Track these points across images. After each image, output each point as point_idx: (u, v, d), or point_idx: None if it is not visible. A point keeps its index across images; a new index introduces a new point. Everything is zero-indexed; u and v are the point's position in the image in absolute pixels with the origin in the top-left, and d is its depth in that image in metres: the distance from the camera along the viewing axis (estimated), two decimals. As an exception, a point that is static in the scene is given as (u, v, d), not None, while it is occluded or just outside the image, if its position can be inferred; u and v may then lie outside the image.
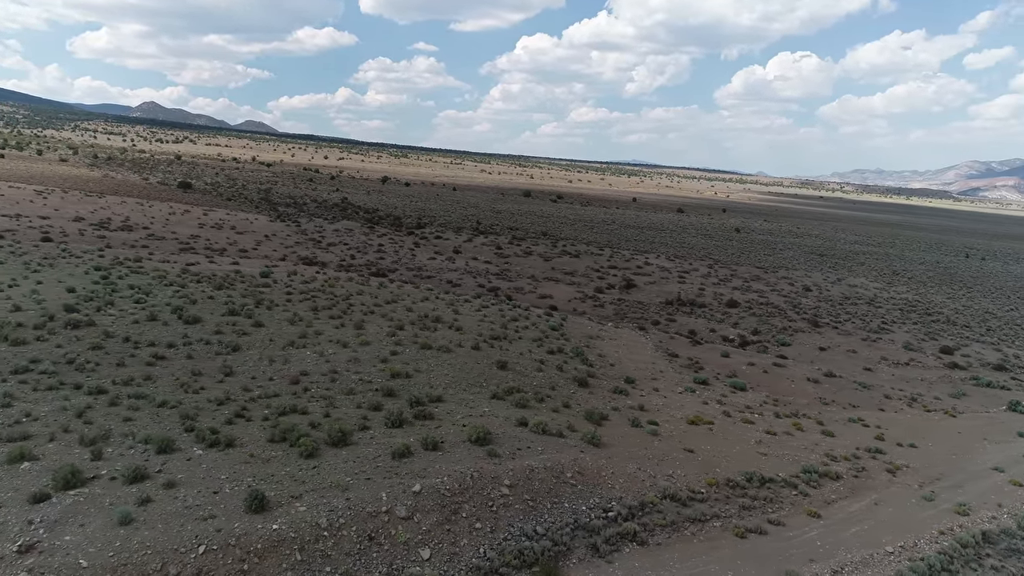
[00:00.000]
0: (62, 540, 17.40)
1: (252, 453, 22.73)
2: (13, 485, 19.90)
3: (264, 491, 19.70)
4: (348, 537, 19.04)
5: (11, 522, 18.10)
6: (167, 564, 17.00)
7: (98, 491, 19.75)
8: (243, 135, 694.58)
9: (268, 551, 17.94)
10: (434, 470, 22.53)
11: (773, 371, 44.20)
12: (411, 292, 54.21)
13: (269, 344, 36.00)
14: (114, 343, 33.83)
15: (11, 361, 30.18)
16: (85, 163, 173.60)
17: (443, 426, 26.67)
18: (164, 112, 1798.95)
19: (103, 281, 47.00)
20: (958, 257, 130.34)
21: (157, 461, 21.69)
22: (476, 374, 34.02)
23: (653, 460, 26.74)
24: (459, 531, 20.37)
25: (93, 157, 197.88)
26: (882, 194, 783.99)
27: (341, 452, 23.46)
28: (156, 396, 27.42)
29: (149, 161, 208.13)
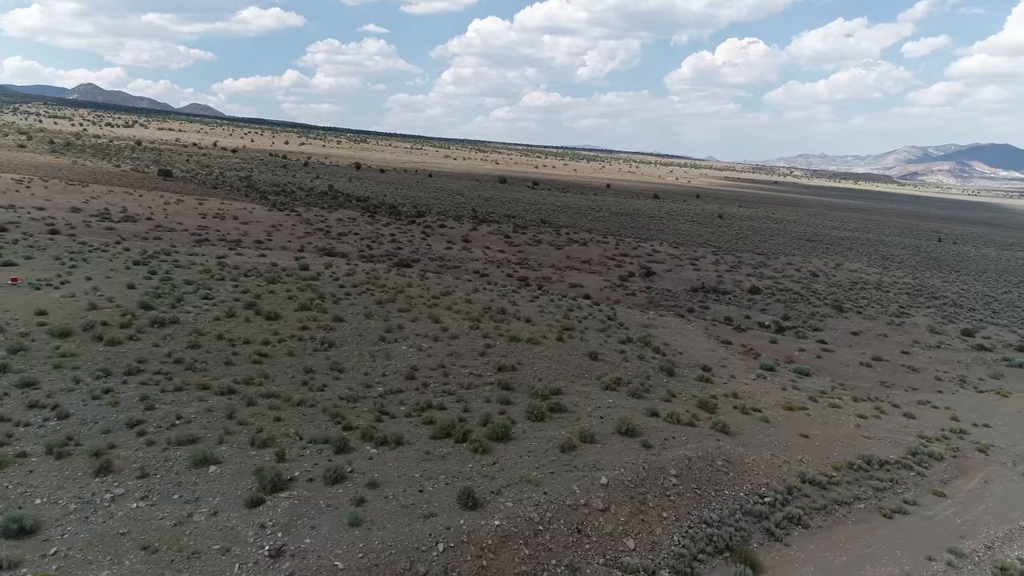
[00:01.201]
0: (303, 543, 17.55)
1: (427, 451, 23.00)
2: (216, 489, 19.86)
3: (473, 488, 20.06)
4: (560, 530, 19.59)
5: (240, 527, 18.15)
6: (415, 563, 17.32)
7: (305, 493, 19.85)
8: (193, 119, 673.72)
9: (499, 547, 18.39)
10: (606, 462, 23.18)
11: (825, 356, 45.89)
12: (456, 284, 54.33)
13: (359, 339, 35.93)
14: (208, 341, 33.37)
15: (117, 362, 29.63)
16: (45, 149, 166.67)
17: (582, 419, 27.29)
18: (103, 94, 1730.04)
19: (153, 276, 45.96)
20: (931, 241, 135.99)
21: (341, 461, 21.81)
22: (573, 365, 34.65)
23: (779, 446, 27.84)
24: (651, 521, 21.11)
25: (50, 143, 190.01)
26: (830, 179, 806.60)
27: (508, 447, 23.91)
28: (290, 395, 27.36)
29: (110, 147, 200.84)
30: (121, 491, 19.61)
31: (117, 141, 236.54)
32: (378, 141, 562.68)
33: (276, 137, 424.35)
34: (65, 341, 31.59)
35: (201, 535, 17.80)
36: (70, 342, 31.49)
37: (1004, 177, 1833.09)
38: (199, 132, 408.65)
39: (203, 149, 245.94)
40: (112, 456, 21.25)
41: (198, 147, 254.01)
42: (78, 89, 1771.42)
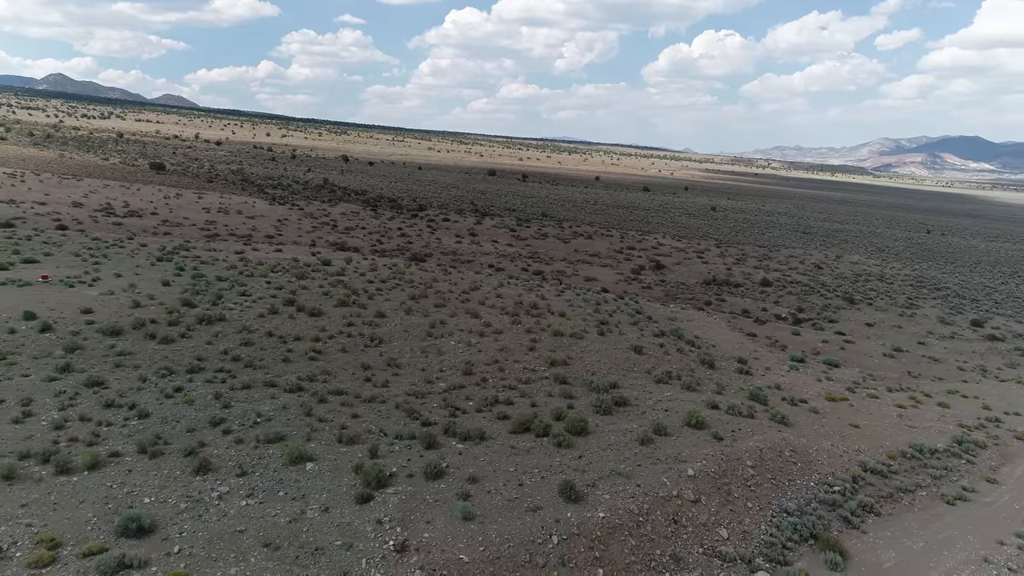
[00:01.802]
0: (423, 538, 17.91)
1: (512, 445, 23.42)
2: (319, 486, 20.13)
3: (574, 481, 20.52)
4: (658, 521, 20.14)
5: (356, 523, 18.46)
6: (534, 555, 17.76)
7: (410, 488, 20.19)
8: (170, 110, 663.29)
9: (607, 538, 18.89)
10: (687, 454, 23.77)
11: (848, 348, 46.92)
12: (481, 279, 54.59)
13: (405, 335, 36.16)
14: (260, 338, 33.42)
15: (176, 360, 29.64)
16: (27, 142, 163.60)
17: (647, 412, 27.85)
18: (73, 84, 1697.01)
19: (183, 273, 45.73)
20: (920, 233, 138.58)
21: (434, 456, 22.16)
22: (621, 359, 35.20)
23: (835, 436, 28.64)
24: (739, 511, 21.74)
25: (29, 135, 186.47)
26: (807, 170, 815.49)
27: (588, 440, 24.41)
28: (358, 392, 27.62)
29: (92, 139, 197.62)
30: (225, 489, 19.80)
31: (98, 133, 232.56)
32: (359, 133, 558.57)
33: (256, 129, 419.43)
34: (118, 339, 31.49)
35: (319, 531, 18.07)
36: (123, 340, 31.40)
37: (974, 169, 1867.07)
38: (178, 124, 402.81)
39: (186, 141, 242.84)
40: (205, 454, 21.40)
41: (180, 139, 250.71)
42: (47, 79, 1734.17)
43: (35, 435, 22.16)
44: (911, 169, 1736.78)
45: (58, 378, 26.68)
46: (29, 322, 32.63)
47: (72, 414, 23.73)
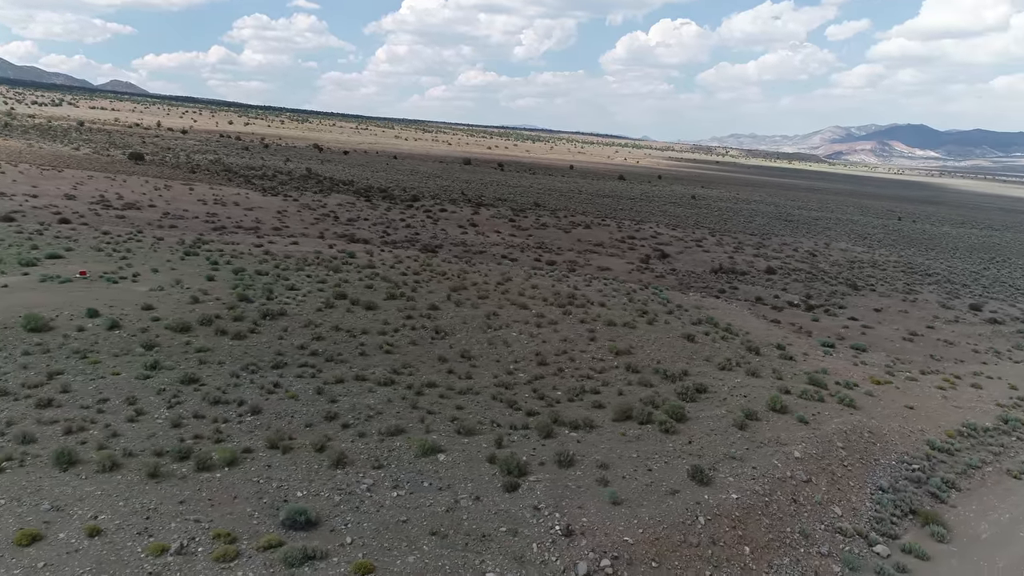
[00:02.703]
0: (583, 522, 18.76)
1: (622, 432, 24.35)
2: (460, 476, 20.81)
3: (701, 465, 21.55)
4: (780, 501, 21.33)
5: (513, 510, 19.20)
6: (687, 535, 18.76)
7: (548, 476, 21.01)
8: (122, 97, 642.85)
9: (745, 518, 20.00)
10: (785, 438, 25.03)
11: (868, 333, 48.95)
12: (508, 270, 55.23)
13: (464, 326, 36.72)
14: (328, 332, 33.68)
15: (256, 355, 29.83)
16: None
17: (727, 399, 29.06)
18: (14, 69, 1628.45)
19: (217, 267, 45.40)
20: (892, 220, 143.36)
21: (555, 445, 22.98)
22: (678, 347, 36.37)
23: (898, 417, 30.27)
24: (845, 489, 23.08)
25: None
26: (765, 158, 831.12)
27: (690, 426, 25.48)
28: (449, 384, 28.23)
29: (53, 128, 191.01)
30: (370, 481, 20.32)
31: (56, 121, 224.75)
32: (320, 121, 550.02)
33: (216, 117, 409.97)
34: (189, 335, 31.44)
35: (479, 519, 18.76)
36: (195, 337, 31.36)
37: (921, 156, 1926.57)
38: (134, 111, 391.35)
39: (150, 130, 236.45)
40: (336, 448, 21.85)
41: (143, 128, 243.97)
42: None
43: (157, 433, 22.30)
44: (861, 157, 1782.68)
45: (151, 375, 26.67)
46: (93, 319, 32.34)
47: (183, 412, 23.85)
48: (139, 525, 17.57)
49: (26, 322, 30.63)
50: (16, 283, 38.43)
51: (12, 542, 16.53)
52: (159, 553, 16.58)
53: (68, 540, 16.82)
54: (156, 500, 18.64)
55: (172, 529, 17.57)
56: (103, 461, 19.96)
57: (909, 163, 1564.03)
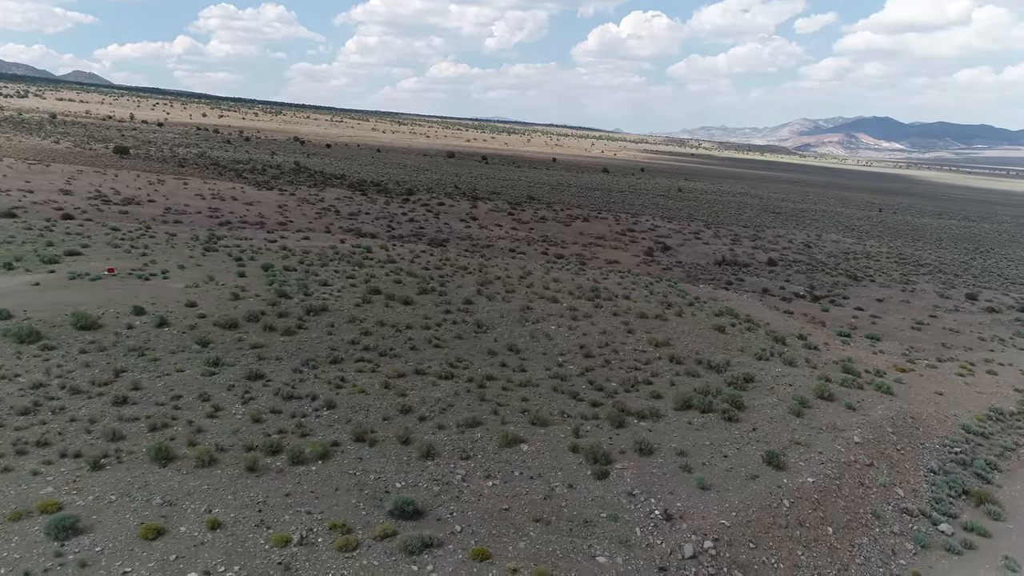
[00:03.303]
0: (677, 506, 19.60)
1: (688, 421, 25.22)
2: (549, 465, 21.51)
3: (774, 451, 22.50)
4: (849, 483, 22.40)
5: (608, 496, 19.97)
6: (776, 518, 19.69)
7: (633, 463, 21.82)
8: (88, 88, 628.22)
9: (823, 500, 21.01)
10: (840, 423, 26.14)
11: (878, 322, 50.54)
12: (526, 264, 55.83)
13: (501, 320, 37.32)
14: (374, 327, 34.04)
15: (310, 350, 30.17)
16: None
17: (775, 387, 30.09)
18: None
19: (242, 263, 45.38)
20: (873, 212, 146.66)
21: (628, 434, 23.77)
22: (711, 338, 37.38)
23: (930, 403, 31.61)
24: (902, 471, 24.23)
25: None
26: (737, 150, 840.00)
27: (749, 414, 26.46)
28: (508, 376, 28.85)
29: (26, 121, 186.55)
30: (462, 472, 20.93)
31: (27, 114, 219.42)
32: (294, 113, 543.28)
33: (189, 109, 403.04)
34: (239, 332, 31.63)
35: (578, 506, 19.49)
36: (245, 333, 31.56)
37: (887, 148, 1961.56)
38: (103, 103, 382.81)
39: (124, 122, 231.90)
40: (421, 440, 22.41)
41: (117, 120, 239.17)
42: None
43: (240, 429, 22.64)
44: (829, 149, 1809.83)
45: (215, 372, 26.91)
46: (140, 317, 32.36)
47: (259, 407, 24.18)
48: (254, 518, 17.99)
49: (75, 320, 30.58)
50: (46, 281, 38.16)
51: (138, 536, 16.86)
52: (283, 544, 17.03)
53: (191, 533, 17.19)
54: (262, 493, 19.05)
55: (287, 521, 18.02)
56: (200, 456, 20.29)
57: (876, 155, 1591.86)
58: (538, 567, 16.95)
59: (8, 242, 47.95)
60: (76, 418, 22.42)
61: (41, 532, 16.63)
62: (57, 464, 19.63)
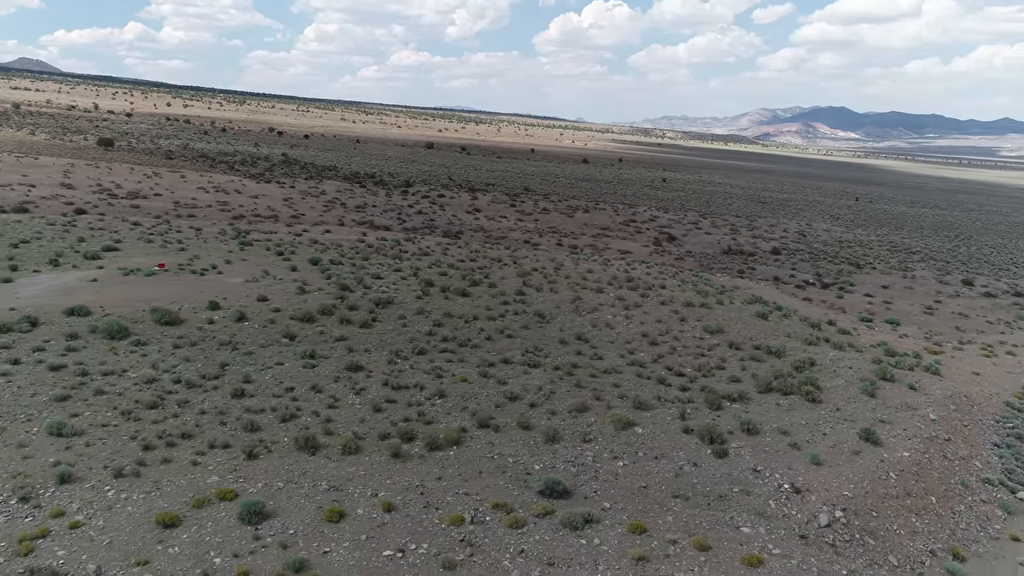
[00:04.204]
0: (799, 480, 21.18)
1: (777, 403, 26.88)
2: (667, 446, 22.98)
3: (869, 428, 24.25)
4: (936, 456, 24.27)
5: (733, 472, 21.52)
6: (887, 488, 21.43)
7: (743, 443, 23.36)
8: (42, 77, 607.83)
9: (921, 472, 22.83)
10: (912, 403, 28.12)
11: (892, 308, 53.04)
12: (555, 256, 57.07)
13: (557, 310, 38.58)
14: (444, 319, 35.02)
15: (392, 342, 31.13)
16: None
17: (837, 371, 31.95)
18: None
19: (283, 256, 45.80)
20: (850, 201, 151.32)
21: (728, 416, 25.38)
22: (759, 325, 39.17)
23: (972, 383, 33.81)
24: (975, 445, 26.24)
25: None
26: (701, 140, 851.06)
27: (828, 395, 28.24)
28: (591, 364, 30.21)
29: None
30: (591, 454, 22.25)
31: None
32: (259, 103, 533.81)
33: (153, 99, 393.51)
34: (316, 325, 32.38)
35: (709, 482, 20.96)
36: (323, 326, 32.32)
37: (843, 138, 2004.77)
38: (60, 92, 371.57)
39: (90, 112, 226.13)
40: (539, 425, 23.64)
41: (83, 111, 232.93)
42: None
43: (366, 418, 23.58)
44: (788, 138, 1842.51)
45: (315, 364, 27.71)
46: (216, 312, 32.84)
47: (373, 397, 25.12)
48: (419, 500, 19.05)
49: (158, 316, 30.98)
50: (103, 277, 38.26)
51: (322, 519, 17.81)
52: (458, 523, 18.15)
53: (370, 515, 18.19)
54: (417, 478, 20.09)
55: (450, 502, 19.11)
56: (346, 445, 21.23)
57: (833, 144, 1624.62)
58: (693, 538, 18.35)
59: (37, 238, 47.54)
60: (205, 411, 23.10)
61: (233, 518, 17.47)
62: (210, 454, 20.38)
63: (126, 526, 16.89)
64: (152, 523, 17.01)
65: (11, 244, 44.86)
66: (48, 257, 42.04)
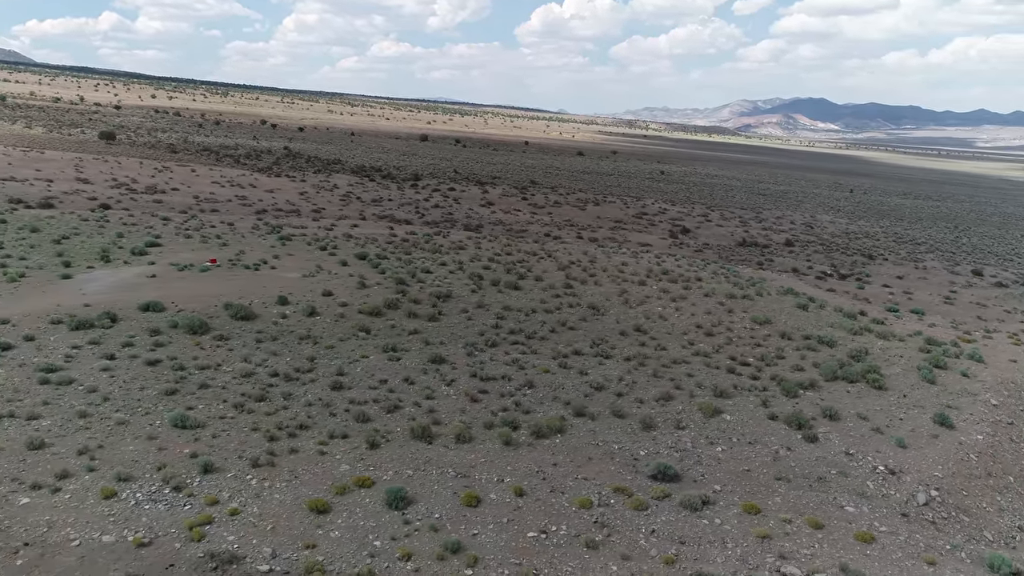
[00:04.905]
0: (889, 461, 22.38)
1: (847, 390, 28.12)
2: (759, 431, 24.09)
3: (942, 413, 25.56)
4: (1004, 440, 25.62)
5: (828, 456, 22.67)
6: (970, 468, 22.75)
7: (829, 427, 24.53)
8: (19, 68, 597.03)
9: (996, 454, 24.17)
10: (972, 389, 29.48)
11: (914, 298, 54.64)
12: (588, 249, 58.06)
13: (607, 303, 39.58)
14: (506, 312, 35.85)
15: (465, 335, 31.93)
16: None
17: (889, 359, 33.27)
18: None
19: (327, 252, 46.39)
20: (844, 192, 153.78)
21: (805, 403, 26.57)
22: (801, 316, 40.45)
23: (1013, 369, 35.27)
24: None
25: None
26: (685, 131, 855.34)
27: (890, 383, 29.49)
28: (658, 356, 31.24)
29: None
30: (689, 441, 23.32)
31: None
32: (242, 94, 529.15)
33: (136, 90, 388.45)
34: (385, 319, 33.14)
35: (806, 466, 22.13)
36: (392, 319, 33.08)
37: (823, 129, 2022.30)
38: (41, 84, 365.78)
39: (77, 105, 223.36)
40: (631, 414, 24.68)
41: (69, 102, 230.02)
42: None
43: (466, 408, 24.51)
44: (769, 129, 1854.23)
45: (398, 357, 28.53)
46: (284, 306, 33.50)
47: (466, 388, 26.01)
48: (543, 485, 20.01)
49: (234, 311, 31.58)
50: (159, 273, 38.72)
51: (461, 503, 18.72)
52: (587, 506, 19.13)
53: (503, 500, 19.13)
54: (534, 464, 21.06)
55: (572, 486, 20.10)
56: (460, 433, 22.15)
57: (813, 135, 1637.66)
58: (805, 517, 19.49)
59: (76, 234, 47.75)
60: (311, 403, 23.88)
61: (379, 504, 18.33)
62: (332, 444, 21.19)
63: (282, 512, 17.69)
64: (305, 509, 17.81)
65: (53, 240, 45.12)
66: (95, 253, 42.34)
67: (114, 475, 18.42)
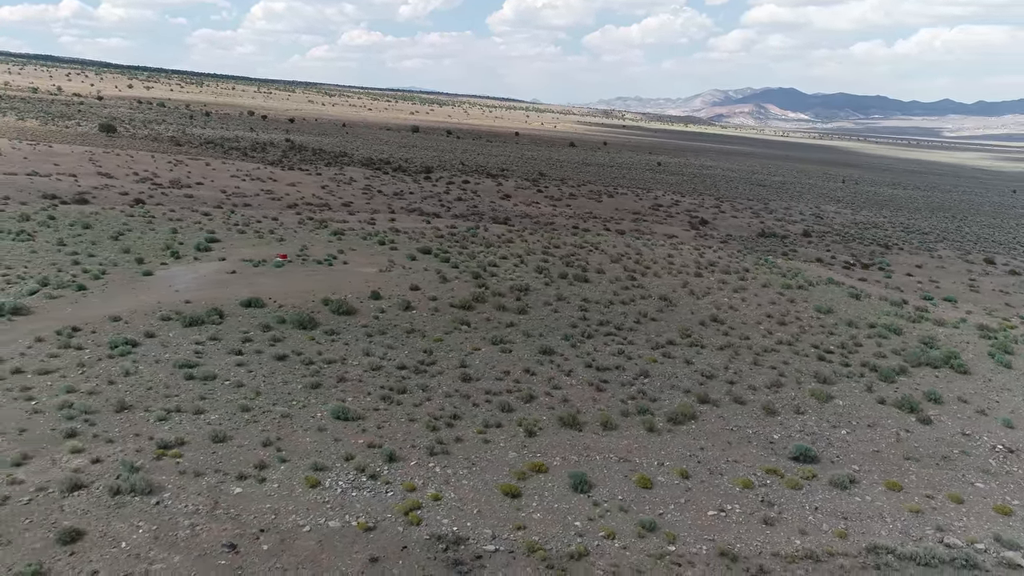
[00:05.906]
0: (1004, 442, 24.04)
1: (935, 375, 29.80)
2: (874, 415, 25.62)
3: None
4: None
5: (948, 436, 24.26)
6: None
7: (937, 411, 26.12)
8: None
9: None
10: None
11: (940, 286, 56.85)
12: (628, 241, 59.36)
13: (675, 295, 40.93)
14: (585, 304, 37.00)
15: (558, 327, 33.02)
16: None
17: (958, 345, 35.05)
18: None
19: (385, 246, 47.10)
20: (837, 183, 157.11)
21: (905, 388, 28.10)
22: (856, 305, 42.20)
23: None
24: (1107, 409, 29.55)
25: None
26: (661, 121, 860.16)
27: (971, 368, 31.23)
28: (749, 346, 32.65)
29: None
30: (813, 423, 24.73)
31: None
32: (218, 84, 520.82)
33: (111, 80, 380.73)
34: (476, 312, 34.12)
35: (927, 446, 23.70)
36: (483, 313, 34.07)
37: (793, 119, 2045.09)
38: (11, 74, 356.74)
39: (58, 95, 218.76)
40: (749, 400, 26.10)
41: (49, 93, 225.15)
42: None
43: (595, 397, 25.69)
44: (741, 119, 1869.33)
45: (509, 349, 29.56)
46: (378, 301, 34.31)
47: (586, 378, 27.15)
48: (700, 468, 21.28)
49: (335, 307, 32.33)
50: (238, 269, 39.19)
51: (636, 486, 19.92)
52: (748, 487, 20.44)
53: (671, 482, 20.37)
54: (684, 449, 22.33)
55: (725, 468, 21.40)
56: (605, 421, 23.35)
57: (784, 125, 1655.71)
58: (946, 492, 21.02)
59: (128, 230, 47.94)
60: (449, 394, 24.87)
61: (564, 487, 19.45)
62: (490, 433, 22.22)
63: (479, 497, 18.73)
64: (499, 494, 18.87)
65: (110, 237, 45.33)
66: (159, 249, 42.69)
67: (309, 465, 19.29)
